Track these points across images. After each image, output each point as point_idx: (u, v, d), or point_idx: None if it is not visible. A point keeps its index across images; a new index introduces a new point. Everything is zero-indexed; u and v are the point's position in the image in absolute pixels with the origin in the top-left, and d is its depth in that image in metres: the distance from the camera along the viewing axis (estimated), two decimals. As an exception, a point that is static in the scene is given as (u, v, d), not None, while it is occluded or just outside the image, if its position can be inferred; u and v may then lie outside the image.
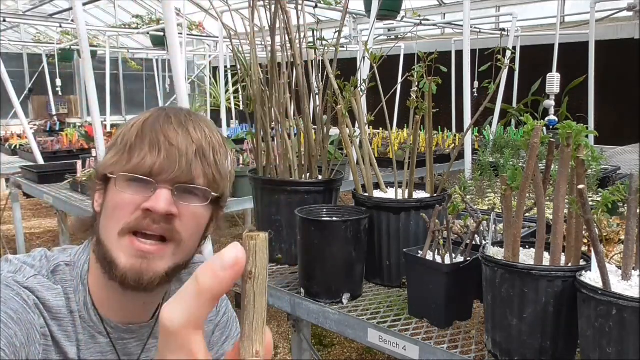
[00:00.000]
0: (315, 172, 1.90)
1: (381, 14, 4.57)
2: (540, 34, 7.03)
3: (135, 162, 0.81)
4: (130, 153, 0.82)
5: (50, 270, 0.85)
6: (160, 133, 0.82)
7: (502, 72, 1.61)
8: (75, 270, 0.87)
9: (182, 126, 0.84)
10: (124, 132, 0.86)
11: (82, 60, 2.80)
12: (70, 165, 3.59)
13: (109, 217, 0.82)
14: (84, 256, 0.88)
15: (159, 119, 0.84)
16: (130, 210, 0.80)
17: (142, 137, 0.82)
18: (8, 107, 7.94)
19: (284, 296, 1.63)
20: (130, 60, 10.06)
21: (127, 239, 0.81)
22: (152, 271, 0.82)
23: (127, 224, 0.80)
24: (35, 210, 7.14)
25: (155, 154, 0.81)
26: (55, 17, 7.06)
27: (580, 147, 1.07)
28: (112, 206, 0.82)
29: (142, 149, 0.81)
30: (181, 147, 0.82)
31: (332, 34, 2.14)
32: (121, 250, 0.81)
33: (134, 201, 0.80)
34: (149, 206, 0.80)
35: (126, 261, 0.80)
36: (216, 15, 4.93)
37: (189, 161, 0.82)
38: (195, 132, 0.84)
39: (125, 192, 0.81)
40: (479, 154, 3.29)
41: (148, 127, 0.83)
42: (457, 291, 1.37)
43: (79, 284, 0.86)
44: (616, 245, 1.54)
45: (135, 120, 0.86)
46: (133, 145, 0.82)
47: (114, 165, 0.83)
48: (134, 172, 0.81)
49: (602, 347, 0.98)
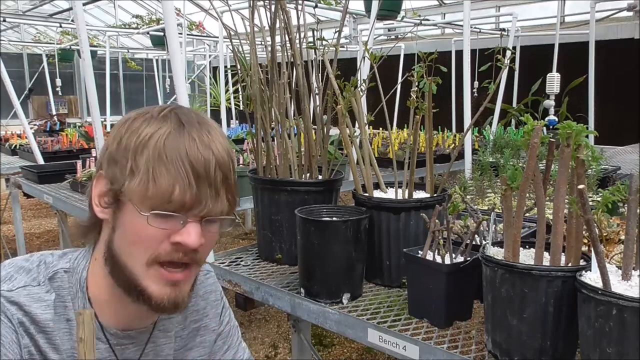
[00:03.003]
0: (315, 172, 1.90)
1: (381, 14, 4.58)
2: (540, 34, 7.04)
3: (164, 194, 0.76)
4: (155, 181, 0.76)
5: (47, 277, 0.84)
6: (186, 160, 0.77)
7: (502, 72, 1.61)
8: (75, 277, 0.86)
9: (208, 148, 0.79)
10: (137, 143, 0.78)
11: (82, 60, 2.79)
12: (70, 165, 3.59)
13: (133, 244, 0.80)
14: (83, 262, 0.88)
15: (181, 138, 0.78)
16: (157, 241, 0.79)
17: (166, 162, 0.76)
18: (8, 107, 7.94)
19: (284, 296, 1.63)
20: (130, 60, 10.07)
21: (156, 269, 0.80)
22: (183, 295, 0.84)
23: (157, 256, 0.79)
24: (35, 210, 7.14)
25: (184, 185, 0.76)
26: (55, 17, 7.07)
27: (580, 147, 1.07)
28: (135, 234, 0.79)
29: (170, 179, 0.76)
30: (210, 178, 0.78)
31: (332, 34, 2.15)
32: (150, 279, 0.80)
33: (162, 233, 0.79)
34: (180, 240, 0.79)
35: (159, 290, 0.81)
36: (216, 15, 4.93)
37: (217, 192, 0.80)
38: (218, 151, 0.80)
39: (153, 223, 0.77)
40: (479, 154, 3.29)
41: (171, 149, 0.77)
42: (457, 291, 1.37)
43: (78, 291, 0.85)
44: (616, 245, 1.54)
45: (150, 132, 0.79)
46: (157, 171, 0.76)
47: (136, 192, 0.77)
48: (162, 205, 0.77)
49: (602, 347, 0.98)
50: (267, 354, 3.35)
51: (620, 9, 6.50)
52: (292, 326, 1.83)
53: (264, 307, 3.75)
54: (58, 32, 8.31)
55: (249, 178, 1.93)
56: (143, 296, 0.81)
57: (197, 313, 1.02)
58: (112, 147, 0.81)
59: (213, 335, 1.05)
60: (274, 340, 3.52)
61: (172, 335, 0.97)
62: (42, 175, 3.52)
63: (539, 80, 5.52)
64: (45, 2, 7.02)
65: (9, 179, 3.89)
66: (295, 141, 1.95)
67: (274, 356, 3.33)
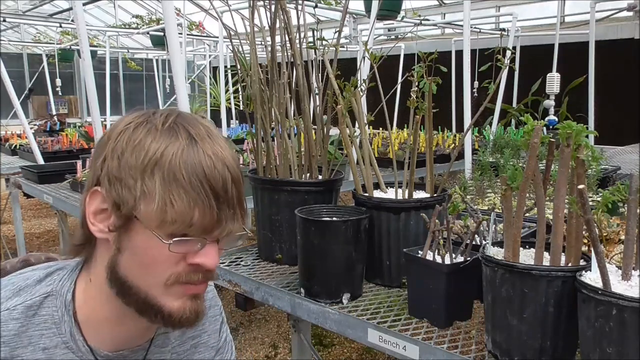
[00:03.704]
0: (315, 172, 1.90)
1: (381, 14, 4.58)
2: (540, 34, 7.03)
3: (184, 218, 0.72)
4: (173, 205, 0.72)
5: (25, 305, 0.80)
6: (205, 181, 0.73)
7: (502, 72, 1.61)
8: (59, 300, 0.81)
9: (223, 164, 0.75)
10: (145, 161, 0.73)
11: (82, 60, 2.80)
12: (70, 165, 3.59)
13: (148, 267, 0.76)
14: (67, 283, 0.82)
15: (197, 155, 0.74)
16: (174, 263, 0.76)
17: (184, 184, 0.72)
18: (8, 107, 7.94)
19: (284, 296, 1.63)
20: (130, 60, 10.07)
21: (177, 287, 0.78)
22: (202, 304, 0.82)
23: (177, 278, 0.77)
24: (35, 210, 7.14)
25: (204, 208, 0.73)
26: (55, 17, 7.07)
27: (580, 147, 1.07)
28: (151, 258, 0.75)
29: (189, 202, 0.72)
30: (229, 197, 0.75)
31: (332, 34, 2.14)
32: (171, 296, 0.78)
33: (180, 255, 0.76)
34: (200, 262, 0.76)
35: (180, 305, 0.78)
36: (216, 15, 4.93)
37: (235, 211, 0.77)
38: (233, 166, 0.77)
39: (174, 249, 0.74)
40: (479, 154, 3.29)
41: (188, 169, 0.73)
42: (457, 291, 1.37)
43: (64, 314, 0.81)
44: (616, 245, 1.54)
45: (160, 149, 0.73)
46: (175, 194, 0.72)
47: (152, 218, 0.73)
48: (183, 230, 0.74)
49: (602, 347, 0.98)
50: (267, 354, 3.35)
51: (620, 9, 6.49)
52: (292, 326, 1.83)
53: (264, 307, 3.75)
54: (58, 32, 8.30)
55: (249, 178, 1.93)
56: (162, 314, 0.78)
57: (196, 329, 0.97)
58: (111, 164, 0.75)
59: (212, 352, 1.02)
60: (274, 340, 3.52)
61: (167, 351, 0.93)
62: (42, 175, 3.52)
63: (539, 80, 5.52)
64: (45, 2, 7.02)
65: (9, 179, 3.89)
66: (295, 141, 1.95)
67: (274, 356, 3.33)
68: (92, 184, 0.78)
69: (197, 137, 0.75)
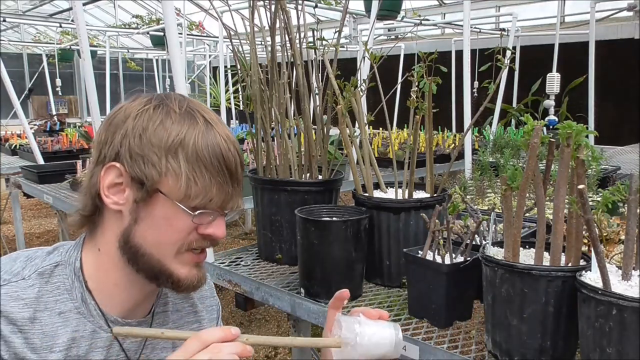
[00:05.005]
0: (315, 172, 1.90)
1: (381, 14, 4.58)
2: (540, 34, 7.04)
3: (206, 193, 0.82)
4: (196, 182, 0.81)
5: (36, 272, 0.85)
6: (222, 161, 0.83)
7: (502, 72, 1.61)
8: (68, 268, 0.87)
9: (234, 145, 0.86)
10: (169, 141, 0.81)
11: (82, 60, 2.79)
12: (70, 165, 3.59)
13: (165, 236, 0.84)
14: (74, 254, 0.89)
15: (214, 138, 0.83)
16: (189, 232, 0.85)
17: (206, 163, 0.82)
18: (8, 107, 7.93)
19: (284, 296, 1.63)
20: (130, 60, 10.07)
21: (186, 255, 0.86)
22: (204, 272, 0.92)
23: (189, 245, 0.86)
24: (35, 210, 7.14)
25: (222, 184, 0.83)
26: (55, 17, 7.07)
27: (580, 147, 1.07)
28: (170, 227, 0.84)
29: (210, 179, 0.82)
30: (238, 175, 0.86)
31: (332, 34, 2.15)
32: (179, 263, 0.86)
33: (194, 225, 0.84)
34: (212, 233, 0.86)
35: (187, 272, 0.87)
36: (216, 15, 4.93)
37: (241, 188, 0.88)
38: (238, 145, 0.88)
39: (196, 221, 0.84)
40: (479, 154, 3.29)
41: (208, 150, 0.82)
42: (457, 291, 1.37)
43: (74, 281, 0.86)
44: (616, 245, 1.54)
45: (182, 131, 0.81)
46: (197, 172, 0.81)
47: (177, 192, 0.81)
48: (204, 204, 0.83)
49: (602, 347, 0.98)
50: (267, 354, 3.35)
51: (620, 9, 6.50)
52: (292, 326, 1.83)
53: (264, 307, 3.74)
54: (58, 32, 8.30)
55: (249, 178, 1.93)
56: (172, 279, 0.86)
57: (195, 314, 1.04)
58: (133, 142, 0.81)
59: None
60: (274, 340, 3.52)
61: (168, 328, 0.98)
62: (42, 175, 3.52)
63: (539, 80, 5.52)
64: (45, 2, 7.02)
65: (9, 179, 3.89)
66: (295, 141, 1.95)
67: (274, 356, 3.33)
68: (107, 159, 0.83)
69: (212, 121, 0.85)
